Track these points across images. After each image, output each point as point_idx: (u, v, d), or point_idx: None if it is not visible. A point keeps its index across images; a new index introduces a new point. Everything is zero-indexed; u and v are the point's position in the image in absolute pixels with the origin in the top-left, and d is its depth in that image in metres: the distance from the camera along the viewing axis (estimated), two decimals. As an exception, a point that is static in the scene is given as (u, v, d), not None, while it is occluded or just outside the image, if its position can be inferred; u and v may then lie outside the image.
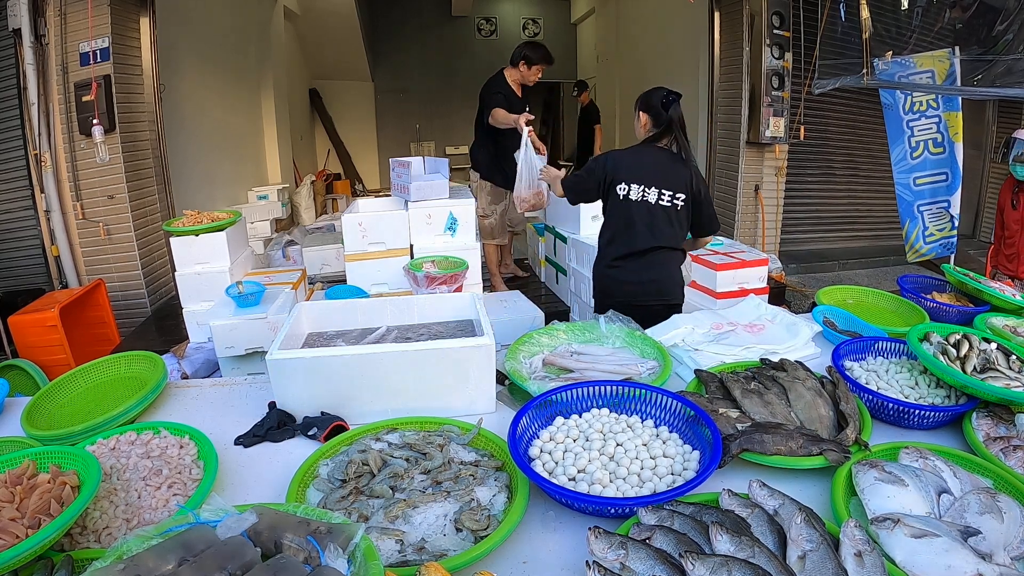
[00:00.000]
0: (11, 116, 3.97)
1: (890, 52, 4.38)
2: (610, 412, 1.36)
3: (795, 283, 5.12)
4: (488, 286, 4.19)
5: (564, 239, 3.95)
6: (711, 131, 5.58)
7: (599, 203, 3.65)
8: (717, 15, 5.27)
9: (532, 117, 3.49)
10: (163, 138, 4.39)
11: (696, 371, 1.58)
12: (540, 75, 3.96)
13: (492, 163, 4.09)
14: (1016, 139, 3.46)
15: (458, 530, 1.04)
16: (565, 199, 2.50)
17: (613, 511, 1.09)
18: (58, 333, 3.08)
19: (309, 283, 3.57)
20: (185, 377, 2.79)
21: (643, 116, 2.33)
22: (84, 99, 3.72)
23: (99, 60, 3.77)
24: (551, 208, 4.08)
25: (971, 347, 1.52)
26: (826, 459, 1.19)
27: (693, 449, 1.23)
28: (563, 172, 2.58)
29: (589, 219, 3.67)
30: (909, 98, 4.49)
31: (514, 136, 3.67)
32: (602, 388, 1.39)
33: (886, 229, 6.26)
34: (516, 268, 4.69)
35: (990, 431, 1.33)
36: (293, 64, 8.30)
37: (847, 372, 1.56)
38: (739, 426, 1.29)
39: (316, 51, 9.19)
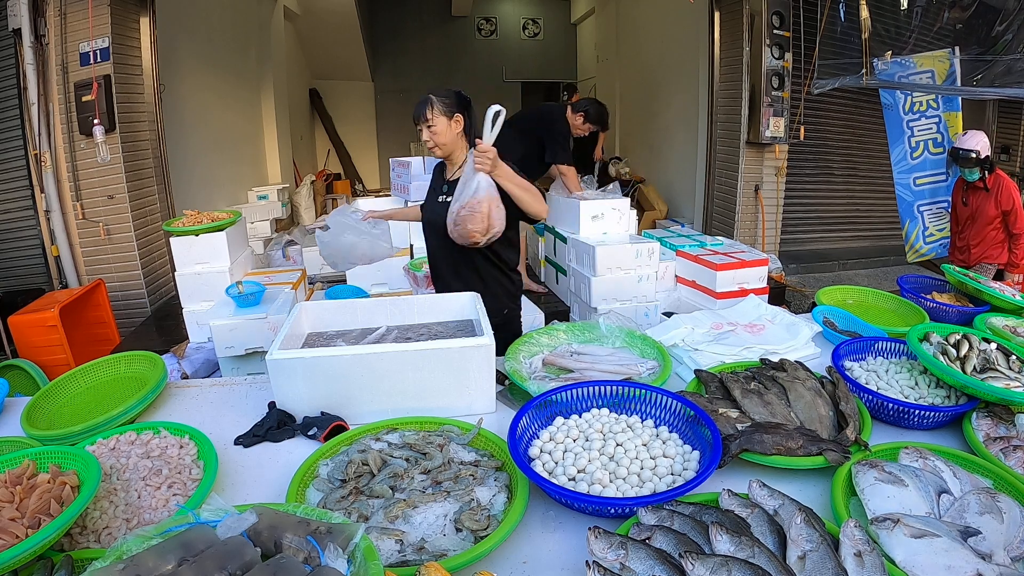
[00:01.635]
0: (11, 116, 3.98)
1: (890, 52, 4.38)
2: (610, 412, 1.36)
3: (795, 283, 5.12)
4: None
5: (564, 239, 3.94)
6: (711, 131, 5.58)
7: (599, 203, 3.64)
8: (717, 15, 5.27)
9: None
10: (163, 138, 4.39)
11: (696, 371, 1.58)
12: (588, 133, 4.00)
13: None
14: (959, 149, 3.60)
15: (458, 530, 1.04)
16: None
17: (613, 511, 1.09)
18: (58, 333, 3.08)
19: (309, 283, 3.57)
20: (185, 377, 2.80)
21: None
22: (84, 99, 3.73)
23: (99, 60, 3.77)
24: (551, 208, 4.05)
25: (971, 347, 1.52)
26: (826, 459, 1.19)
27: (693, 449, 1.23)
28: None
29: (589, 219, 3.66)
30: (909, 98, 4.49)
31: None
32: (602, 388, 1.39)
33: (886, 229, 6.26)
34: (531, 282, 4.31)
35: (990, 431, 1.33)
36: (293, 64, 8.30)
37: (847, 372, 1.56)
38: (739, 426, 1.29)
39: (316, 51, 9.19)
